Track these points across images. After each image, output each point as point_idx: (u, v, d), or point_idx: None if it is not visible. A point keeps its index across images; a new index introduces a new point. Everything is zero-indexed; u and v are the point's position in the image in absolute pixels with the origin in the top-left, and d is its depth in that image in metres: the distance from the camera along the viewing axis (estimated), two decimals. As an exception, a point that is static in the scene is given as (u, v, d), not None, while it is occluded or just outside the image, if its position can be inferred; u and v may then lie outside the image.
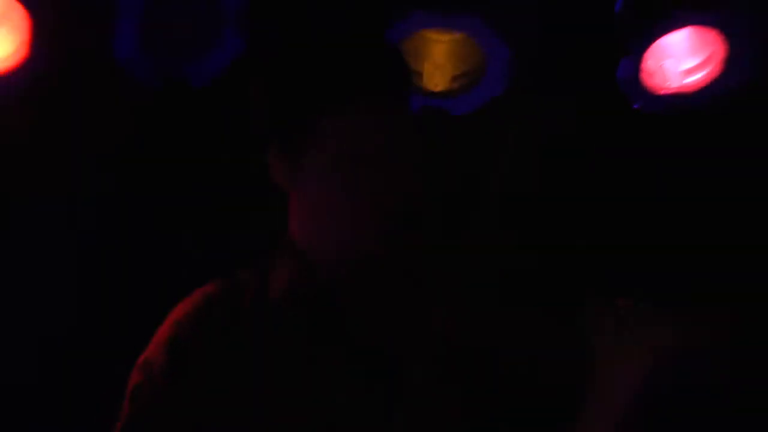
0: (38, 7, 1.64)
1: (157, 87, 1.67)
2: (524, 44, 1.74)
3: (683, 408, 0.93)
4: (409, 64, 1.43)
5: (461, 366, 1.29)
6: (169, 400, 1.25)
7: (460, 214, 1.90)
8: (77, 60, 1.67)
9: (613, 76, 1.74)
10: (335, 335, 1.27)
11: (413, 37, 1.75)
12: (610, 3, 1.69)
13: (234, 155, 1.79)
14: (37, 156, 1.84)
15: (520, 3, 1.75)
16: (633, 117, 1.77)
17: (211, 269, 1.32)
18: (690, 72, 1.78)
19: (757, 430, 1.02)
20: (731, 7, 1.71)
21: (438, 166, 1.81)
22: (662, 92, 1.78)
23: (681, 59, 1.79)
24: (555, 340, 1.28)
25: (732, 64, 1.72)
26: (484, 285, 1.37)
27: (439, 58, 1.81)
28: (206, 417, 1.24)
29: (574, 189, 1.85)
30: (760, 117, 1.78)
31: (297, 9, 1.71)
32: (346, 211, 1.22)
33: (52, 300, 1.88)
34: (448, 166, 1.86)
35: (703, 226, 1.79)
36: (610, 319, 1.21)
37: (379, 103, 1.21)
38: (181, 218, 1.96)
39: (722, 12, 1.72)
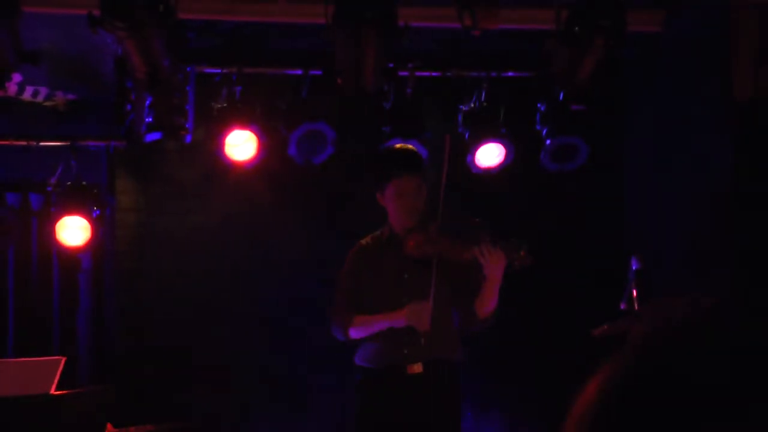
0: (262, 136, 4.40)
1: (303, 165, 4.43)
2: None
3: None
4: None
5: (441, 262, 3.57)
6: (352, 273, 3.79)
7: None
8: (275, 155, 4.42)
9: (465, 161, 4.51)
10: (399, 251, 3.64)
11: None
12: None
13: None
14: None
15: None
16: (473, 174, 4.56)
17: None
18: (491, 159, 4.58)
19: None
20: (507, 136, 4.50)
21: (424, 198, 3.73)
22: (482, 168, 4.57)
23: (488, 155, 4.58)
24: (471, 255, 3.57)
25: (507, 159, 4.53)
26: (445, 234, 3.64)
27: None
28: (362, 280, 3.76)
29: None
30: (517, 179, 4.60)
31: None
32: (400, 212, 3.68)
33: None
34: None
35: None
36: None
37: (411, 175, 3.67)
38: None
39: (504, 137, 4.52)
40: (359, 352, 3.81)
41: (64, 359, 3.69)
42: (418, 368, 3.69)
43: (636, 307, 4.14)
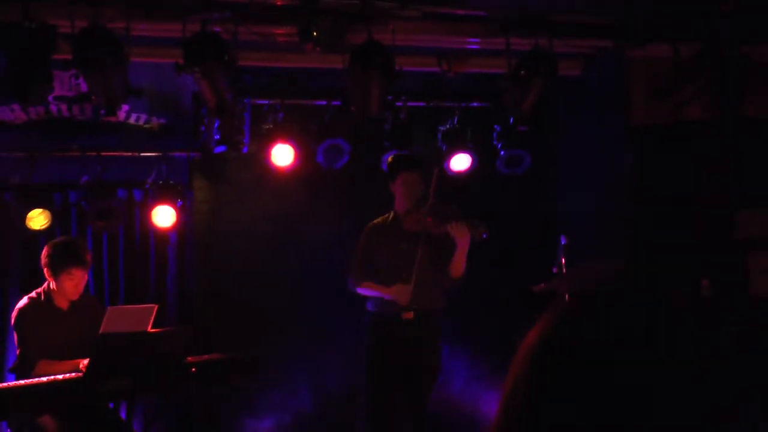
0: (298, 148, 4.56)
1: (327, 169, 4.59)
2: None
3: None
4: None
5: (429, 236, 4.11)
6: (365, 244, 4.31)
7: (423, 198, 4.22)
8: (307, 162, 4.57)
9: (443, 167, 4.68)
10: (399, 227, 4.21)
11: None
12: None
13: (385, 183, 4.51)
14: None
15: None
16: (449, 176, 4.70)
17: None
18: (462, 165, 4.73)
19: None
20: (473, 149, 4.65)
21: (421, 187, 4.16)
22: (455, 171, 4.72)
23: (459, 162, 4.72)
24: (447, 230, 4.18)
25: (473, 165, 4.68)
26: (433, 214, 4.24)
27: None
28: (373, 250, 4.26)
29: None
30: (480, 179, 4.77)
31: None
32: (404, 196, 4.22)
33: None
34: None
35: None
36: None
37: (414, 171, 4.22)
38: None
39: (471, 149, 4.66)
40: (370, 302, 3.95)
41: (156, 306, 3.88)
42: (409, 315, 3.83)
43: (564, 271, 4.25)
